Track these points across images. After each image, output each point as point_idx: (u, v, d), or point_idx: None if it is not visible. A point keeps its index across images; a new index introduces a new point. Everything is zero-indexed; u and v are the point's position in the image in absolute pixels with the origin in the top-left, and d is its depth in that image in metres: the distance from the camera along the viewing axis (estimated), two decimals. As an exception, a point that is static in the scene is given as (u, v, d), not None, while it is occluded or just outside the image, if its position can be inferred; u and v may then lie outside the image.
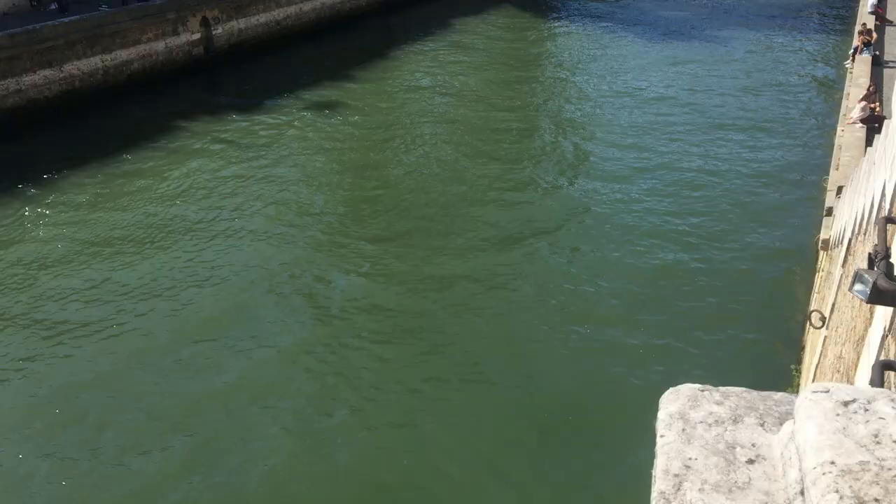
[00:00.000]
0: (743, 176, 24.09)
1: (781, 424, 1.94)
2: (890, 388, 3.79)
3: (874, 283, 4.86)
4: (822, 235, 15.94)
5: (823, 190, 19.25)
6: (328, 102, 31.37)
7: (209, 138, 27.76)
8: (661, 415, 2.01)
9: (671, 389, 2.10)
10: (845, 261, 11.16)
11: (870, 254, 5.85)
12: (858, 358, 7.10)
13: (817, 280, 16.60)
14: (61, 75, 29.65)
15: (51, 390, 15.00)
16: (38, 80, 28.88)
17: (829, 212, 16.22)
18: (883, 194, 8.64)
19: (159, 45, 33.54)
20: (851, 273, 6.07)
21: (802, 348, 15.31)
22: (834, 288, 11.63)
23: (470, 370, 15.48)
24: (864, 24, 27.59)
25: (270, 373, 15.49)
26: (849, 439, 1.66)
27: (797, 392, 2.01)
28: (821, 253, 16.35)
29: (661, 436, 1.94)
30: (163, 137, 27.64)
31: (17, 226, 21.65)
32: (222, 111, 30.45)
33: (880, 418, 1.72)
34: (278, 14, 39.80)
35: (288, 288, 18.53)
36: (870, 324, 6.63)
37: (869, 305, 6.47)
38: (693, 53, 37.36)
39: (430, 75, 35.64)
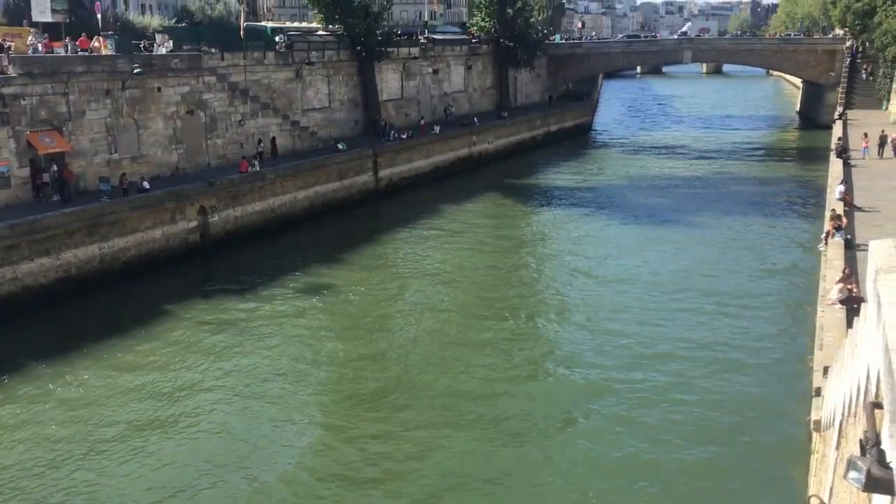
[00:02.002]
0: (725, 359, 24.37)
1: None
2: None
3: (868, 471, 4.97)
4: (814, 416, 15.94)
5: (809, 369, 19.45)
6: (319, 287, 31.95)
7: (200, 325, 27.96)
8: None
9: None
10: (839, 444, 11.17)
11: (861, 440, 5.98)
12: (862, 546, 7.01)
13: (813, 462, 16.41)
14: (58, 263, 30.27)
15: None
16: (34, 267, 29.44)
17: (819, 392, 16.32)
18: (868, 377, 8.85)
19: (157, 233, 34.55)
20: (845, 458, 6.15)
21: (805, 535, 14.89)
22: (830, 472, 11.55)
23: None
24: (834, 210, 28.90)
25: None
26: None
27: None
28: (814, 434, 16.28)
29: None
30: (156, 324, 27.82)
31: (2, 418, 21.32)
32: (215, 297, 30.90)
33: None
34: (273, 202, 41.37)
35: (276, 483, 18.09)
36: (869, 511, 6.62)
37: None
38: (672, 237, 38.72)
39: (419, 261, 36.58)
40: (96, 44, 39.28)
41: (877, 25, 57.77)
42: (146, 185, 35.18)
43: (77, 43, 39.06)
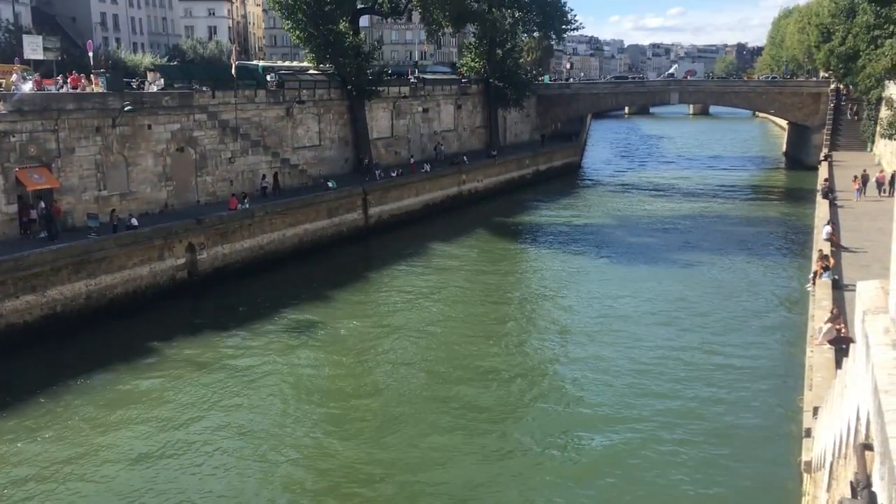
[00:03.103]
0: (714, 398, 24.32)
1: None
2: None
3: (859, 515, 4.89)
4: (805, 458, 15.85)
5: (799, 410, 19.38)
6: (307, 325, 31.76)
7: (187, 363, 27.69)
8: None
9: None
10: (829, 486, 11.08)
11: (851, 482, 5.91)
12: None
13: (805, 504, 16.28)
14: (43, 300, 30.00)
15: None
16: (19, 305, 29.16)
17: (809, 433, 16.25)
18: (858, 418, 8.80)
19: (144, 270, 34.36)
20: (836, 500, 6.08)
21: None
22: (822, 514, 11.43)
23: None
24: (821, 250, 29.09)
25: None
26: None
27: None
28: (805, 476, 16.16)
29: None
30: (141, 362, 27.54)
31: (-18, 454, 20.95)
32: (202, 335, 30.65)
33: None
34: (262, 239, 41.29)
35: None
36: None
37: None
38: (660, 276, 38.78)
39: (408, 299, 36.47)
40: (85, 81, 39.44)
41: (860, 69, 58.69)
42: (134, 221, 35.10)
43: (68, 80, 39.27)
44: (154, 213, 38.67)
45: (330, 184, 48.30)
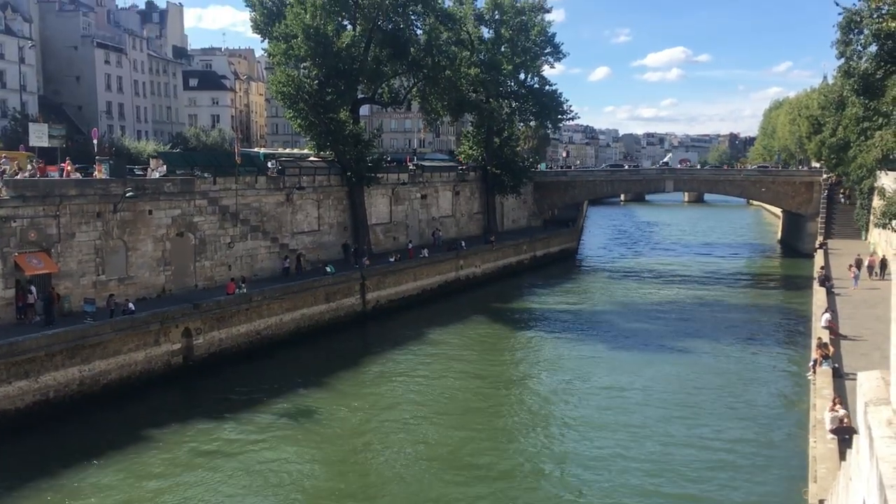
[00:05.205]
0: (718, 490, 23.85)
1: None
2: None
3: None
4: (812, 553, 15.43)
5: (804, 502, 18.97)
6: (302, 412, 31.31)
7: (179, 451, 27.19)
8: None
9: None
10: (839, 584, 10.75)
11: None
12: None
13: None
14: (36, 386, 29.64)
15: None
16: (11, 391, 28.79)
17: (815, 527, 15.87)
18: (864, 513, 8.61)
19: (139, 356, 34.08)
20: None
21: None
22: None
23: None
24: (820, 338, 28.98)
25: None
26: None
27: None
28: (813, 572, 15.70)
29: None
30: (133, 450, 27.03)
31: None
32: (196, 423, 30.15)
33: None
34: (259, 324, 41.14)
35: None
36: None
37: None
38: (658, 364, 38.49)
39: (405, 384, 36.10)
40: (69, 168, 39.79)
41: (851, 159, 59.72)
42: (131, 306, 35.02)
43: (64, 166, 39.93)
44: (152, 298, 38.63)
45: (328, 268, 48.47)
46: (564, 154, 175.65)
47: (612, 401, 33.10)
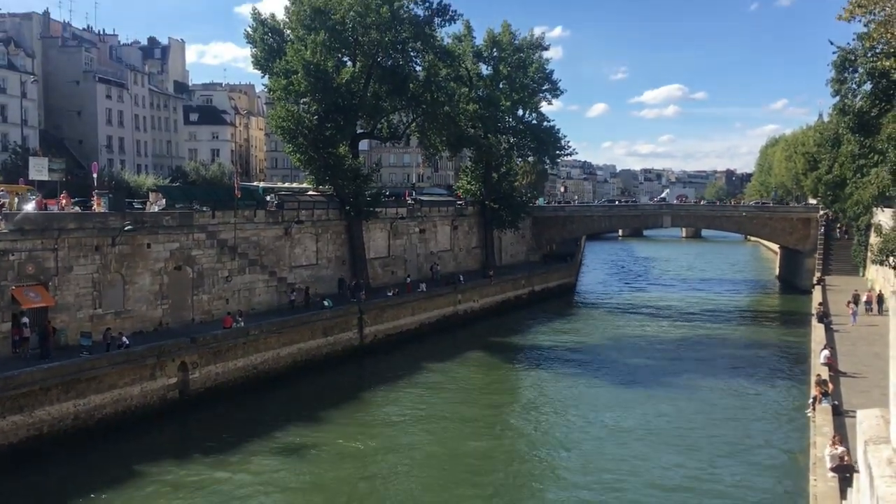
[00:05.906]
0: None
1: None
2: None
3: None
4: None
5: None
6: (299, 448, 31.03)
7: (174, 488, 26.88)
8: None
9: None
10: None
11: None
12: None
13: None
14: (30, 420, 29.38)
15: None
16: (5, 425, 28.52)
17: (817, 568, 15.67)
18: (866, 555, 8.51)
19: (134, 390, 33.83)
20: None
21: None
22: None
23: None
24: (819, 375, 28.88)
25: None
26: None
27: None
28: None
29: None
30: (127, 486, 26.74)
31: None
32: (190, 458, 29.84)
33: None
34: (255, 359, 40.93)
35: None
36: None
37: None
38: (657, 400, 38.25)
39: (402, 420, 35.82)
40: (65, 201, 39.90)
41: (848, 196, 59.97)
42: (125, 340, 34.81)
43: (60, 199, 40.06)
44: (149, 332, 38.50)
45: (326, 302, 48.37)
46: (562, 189, 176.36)
47: (608, 437, 32.86)
